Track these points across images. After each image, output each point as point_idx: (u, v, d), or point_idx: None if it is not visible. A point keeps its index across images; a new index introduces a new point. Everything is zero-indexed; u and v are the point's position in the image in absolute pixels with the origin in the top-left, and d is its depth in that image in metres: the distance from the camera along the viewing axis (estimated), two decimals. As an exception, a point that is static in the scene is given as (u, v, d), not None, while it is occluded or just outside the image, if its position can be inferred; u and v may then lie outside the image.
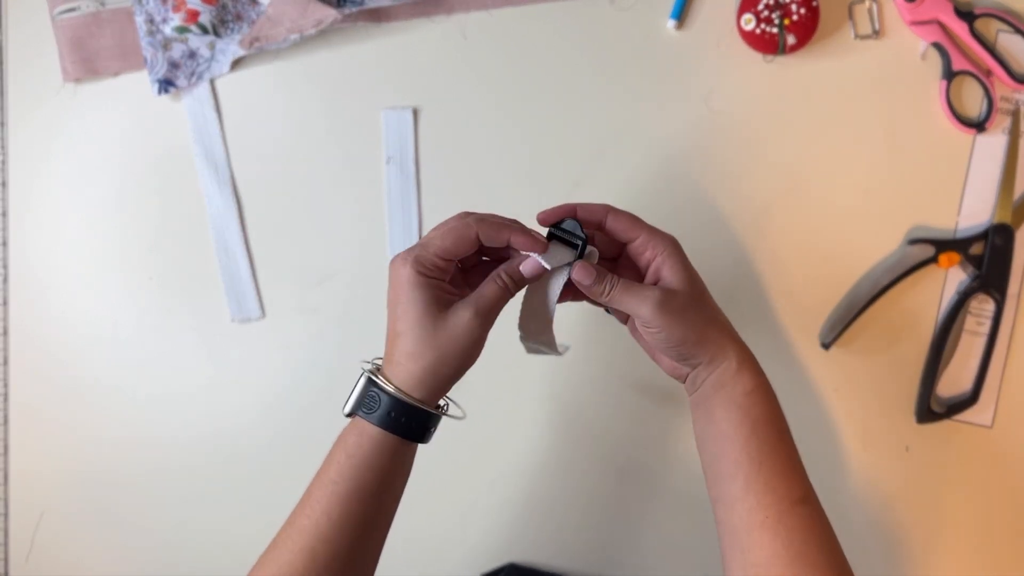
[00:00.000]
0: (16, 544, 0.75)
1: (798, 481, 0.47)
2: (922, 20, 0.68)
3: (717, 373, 0.48)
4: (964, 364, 0.70)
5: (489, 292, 0.48)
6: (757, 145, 0.70)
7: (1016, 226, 0.69)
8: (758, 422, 0.47)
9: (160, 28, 0.69)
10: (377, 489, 0.47)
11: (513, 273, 0.48)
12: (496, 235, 0.47)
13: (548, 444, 0.72)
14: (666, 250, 0.48)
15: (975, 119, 0.69)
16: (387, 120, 0.71)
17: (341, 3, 0.69)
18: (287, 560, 0.45)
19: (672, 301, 0.47)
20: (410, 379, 0.46)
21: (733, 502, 0.46)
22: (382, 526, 0.48)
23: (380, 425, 0.46)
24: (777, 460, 0.46)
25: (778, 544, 0.44)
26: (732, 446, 0.47)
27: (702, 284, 0.49)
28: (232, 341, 0.73)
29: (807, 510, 0.46)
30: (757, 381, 0.48)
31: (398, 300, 0.47)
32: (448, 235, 0.47)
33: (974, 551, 0.71)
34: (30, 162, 0.73)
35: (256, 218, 0.72)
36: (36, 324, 0.74)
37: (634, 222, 0.49)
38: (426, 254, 0.46)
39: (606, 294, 0.48)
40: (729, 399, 0.47)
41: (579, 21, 0.70)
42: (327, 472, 0.47)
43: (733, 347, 0.48)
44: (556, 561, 0.72)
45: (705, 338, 0.47)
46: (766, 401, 0.48)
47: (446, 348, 0.46)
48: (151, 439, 0.74)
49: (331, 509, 0.46)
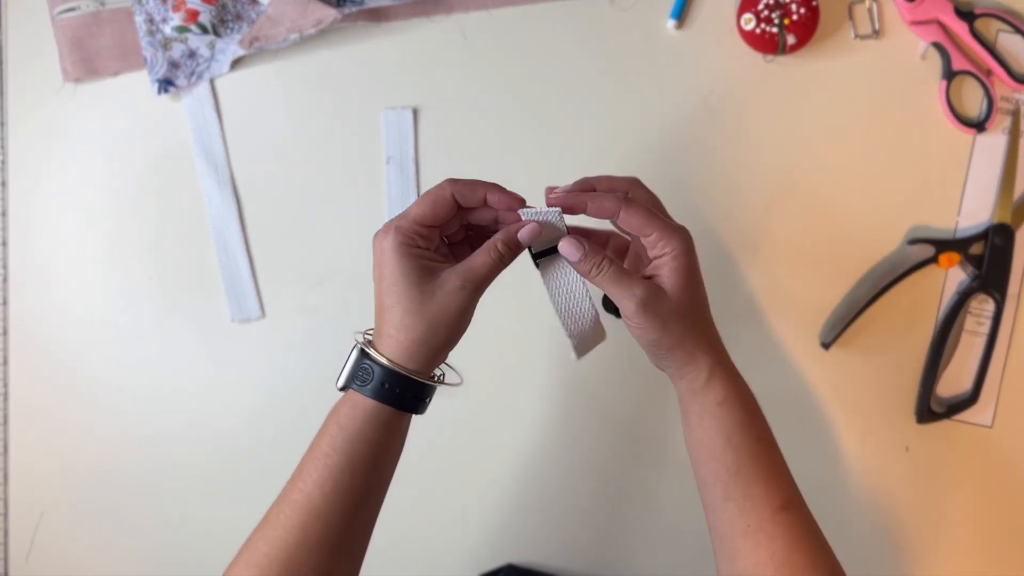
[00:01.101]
0: (16, 544, 0.75)
1: (779, 487, 0.46)
2: (922, 20, 0.68)
3: (686, 382, 0.48)
4: (964, 364, 0.70)
5: (480, 262, 0.46)
6: (757, 145, 0.70)
7: (1016, 226, 0.69)
8: (732, 431, 0.46)
9: (160, 28, 0.69)
10: (371, 461, 0.46)
11: (509, 240, 0.47)
12: (471, 193, 0.47)
13: (547, 445, 0.72)
14: (674, 251, 0.47)
15: (975, 119, 0.69)
16: (387, 120, 0.71)
17: (341, 3, 0.69)
18: (278, 536, 0.44)
19: (656, 304, 0.46)
20: (401, 350, 0.46)
21: (716, 509, 0.46)
22: (375, 500, 0.48)
23: (374, 397, 0.45)
24: (756, 467, 0.46)
25: (762, 553, 0.44)
26: (710, 454, 0.47)
27: (697, 292, 0.48)
28: (232, 341, 0.73)
29: (791, 517, 0.45)
30: (729, 391, 0.47)
31: (383, 273, 0.46)
32: (424, 200, 0.46)
33: (974, 551, 0.71)
34: (30, 162, 0.73)
35: (256, 218, 0.72)
36: (36, 324, 0.74)
37: (648, 219, 0.47)
38: (405, 223, 0.46)
39: (594, 275, 0.47)
40: (703, 408, 0.47)
41: (579, 21, 0.70)
42: (319, 445, 0.46)
43: (706, 358, 0.47)
44: (554, 561, 0.72)
45: (679, 346, 0.47)
46: (740, 410, 0.47)
47: (436, 318, 0.45)
48: (151, 439, 0.74)
49: (324, 483, 0.45)
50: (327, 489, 0.45)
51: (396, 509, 0.72)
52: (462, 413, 0.71)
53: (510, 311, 0.71)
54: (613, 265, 0.46)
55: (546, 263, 0.49)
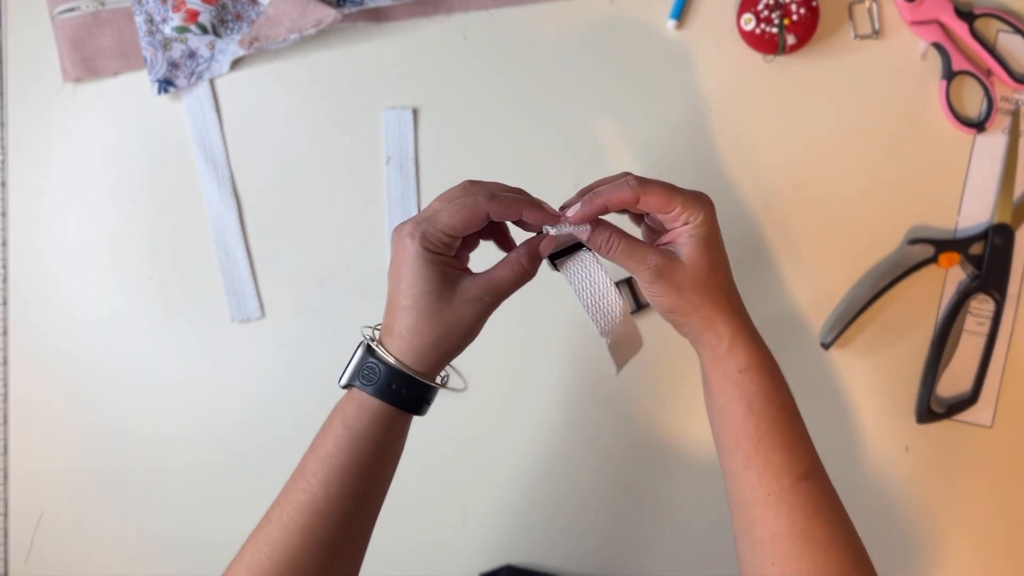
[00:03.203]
0: (16, 544, 0.75)
1: (801, 457, 0.46)
2: (922, 20, 0.68)
3: (708, 349, 0.47)
4: (964, 364, 0.70)
5: (503, 276, 0.46)
6: (757, 145, 0.70)
7: (1016, 226, 0.69)
8: (754, 399, 0.46)
9: (160, 28, 0.69)
10: (375, 462, 0.46)
11: (532, 254, 0.47)
12: (508, 213, 0.46)
13: (547, 446, 0.72)
14: (694, 219, 0.46)
15: (975, 119, 0.69)
16: (387, 120, 0.71)
17: (341, 3, 0.69)
18: (281, 538, 0.44)
19: (672, 273, 0.46)
20: (412, 352, 0.45)
21: (736, 477, 0.46)
22: (377, 501, 0.48)
23: (379, 396, 0.45)
24: (777, 436, 0.45)
25: (781, 523, 0.44)
26: (731, 421, 0.46)
27: (716, 258, 0.47)
28: (232, 341, 0.73)
29: (811, 487, 0.45)
30: (752, 359, 0.46)
31: (402, 274, 0.45)
32: (457, 213, 0.45)
33: (974, 551, 0.71)
34: (30, 162, 0.73)
35: (256, 218, 0.72)
36: (36, 324, 0.74)
37: (669, 197, 0.46)
38: (433, 230, 0.45)
39: (607, 250, 0.47)
40: (724, 376, 0.47)
41: (579, 21, 0.70)
42: (324, 445, 0.46)
43: (726, 325, 0.46)
44: (554, 562, 0.72)
45: (696, 312, 0.46)
46: (764, 377, 0.46)
47: (452, 326, 0.45)
48: (151, 439, 0.74)
49: (329, 483, 0.45)
50: (332, 490, 0.45)
51: (396, 510, 0.72)
52: (462, 414, 0.71)
53: (513, 312, 0.70)
54: (624, 238, 0.47)
55: (564, 263, 0.49)
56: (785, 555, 0.44)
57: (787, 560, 0.44)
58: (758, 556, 0.45)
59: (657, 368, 0.71)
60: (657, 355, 0.71)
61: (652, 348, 0.71)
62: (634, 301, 0.70)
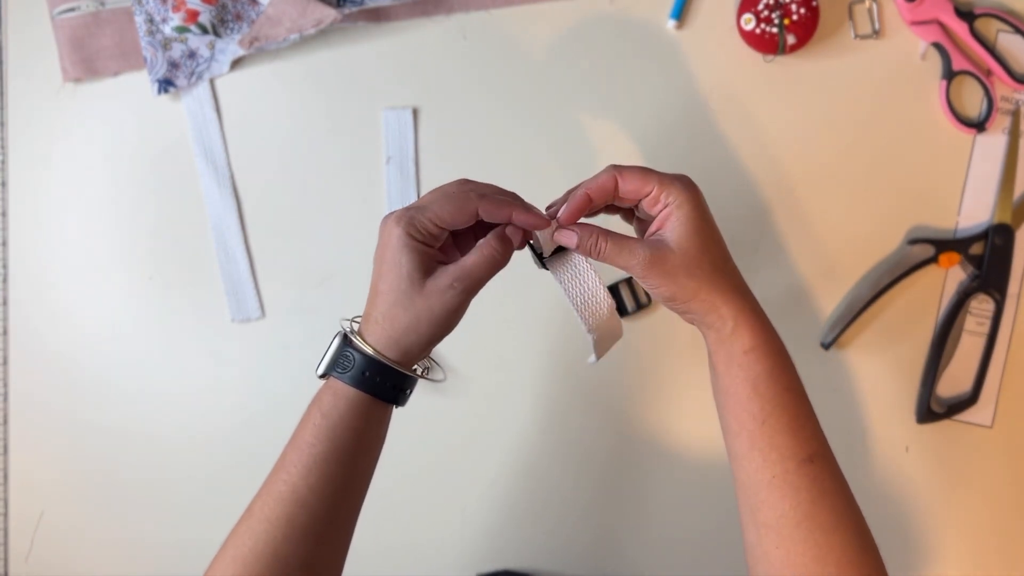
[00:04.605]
0: (16, 544, 0.75)
1: (807, 438, 0.45)
2: (922, 20, 0.68)
3: (713, 331, 0.47)
4: (964, 364, 0.70)
5: (473, 263, 0.46)
6: (757, 145, 0.70)
7: (1016, 226, 0.69)
8: (759, 380, 0.45)
9: (160, 28, 0.69)
10: (354, 450, 0.46)
11: (503, 237, 0.47)
12: (498, 213, 0.46)
13: (545, 448, 0.72)
14: (676, 200, 0.46)
15: (975, 119, 0.69)
16: (387, 120, 0.71)
17: (341, 3, 0.69)
18: (264, 530, 0.44)
19: (663, 262, 0.45)
20: (385, 340, 0.46)
21: (741, 459, 0.46)
22: (359, 490, 0.48)
23: (354, 384, 0.45)
24: (782, 417, 0.45)
25: (786, 504, 0.44)
26: (736, 402, 0.46)
27: (708, 240, 0.47)
28: (232, 341, 0.72)
29: (817, 469, 0.44)
30: (757, 339, 0.46)
31: (383, 259, 0.46)
32: (447, 204, 0.45)
33: (974, 551, 0.71)
34: (30, 162, 0.73)
35: (256, 218, 0.72)
36: (36, 324, 0.74)
37: (644, 177, 0.46)
38: (421, 218, 0.45)
39: (597, 251, 0.47)
40: (729, 357, 0.46)
41: (579, 21, 0.70)
42: (302, 435, 0.46)
43: (728, 307, 0.46)
44: (552, 566, 0.72)
45: (695, 298, 0.46)
46: (768, 357, 0.46)
47: (420, 315, 0.45)
48: (151, 438, 0.74)
49: (309, 472, 0.45)
50: (312, 479, 0.45)
51: (393, 511, 0.72)
52: (459, 415, 0.71)
53: (509, 312, 0.71)
54: (611, 237, 0.46)
55: (553, 262, 0.50)
56: (790, 537, 0.43)
57: (791, 543, 0.43)
58: (763, 538, 0.44)
59: (659, 375, 0.71)
60: (659, 360, 0.71)
61: (654, 352, 0.71)
62: (634, 301, 0.70)
